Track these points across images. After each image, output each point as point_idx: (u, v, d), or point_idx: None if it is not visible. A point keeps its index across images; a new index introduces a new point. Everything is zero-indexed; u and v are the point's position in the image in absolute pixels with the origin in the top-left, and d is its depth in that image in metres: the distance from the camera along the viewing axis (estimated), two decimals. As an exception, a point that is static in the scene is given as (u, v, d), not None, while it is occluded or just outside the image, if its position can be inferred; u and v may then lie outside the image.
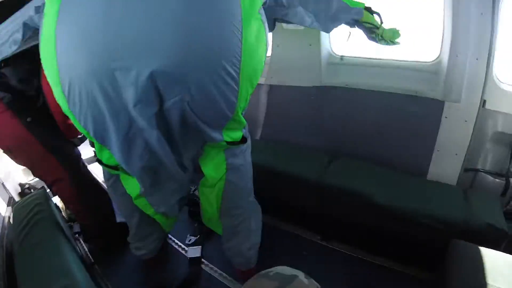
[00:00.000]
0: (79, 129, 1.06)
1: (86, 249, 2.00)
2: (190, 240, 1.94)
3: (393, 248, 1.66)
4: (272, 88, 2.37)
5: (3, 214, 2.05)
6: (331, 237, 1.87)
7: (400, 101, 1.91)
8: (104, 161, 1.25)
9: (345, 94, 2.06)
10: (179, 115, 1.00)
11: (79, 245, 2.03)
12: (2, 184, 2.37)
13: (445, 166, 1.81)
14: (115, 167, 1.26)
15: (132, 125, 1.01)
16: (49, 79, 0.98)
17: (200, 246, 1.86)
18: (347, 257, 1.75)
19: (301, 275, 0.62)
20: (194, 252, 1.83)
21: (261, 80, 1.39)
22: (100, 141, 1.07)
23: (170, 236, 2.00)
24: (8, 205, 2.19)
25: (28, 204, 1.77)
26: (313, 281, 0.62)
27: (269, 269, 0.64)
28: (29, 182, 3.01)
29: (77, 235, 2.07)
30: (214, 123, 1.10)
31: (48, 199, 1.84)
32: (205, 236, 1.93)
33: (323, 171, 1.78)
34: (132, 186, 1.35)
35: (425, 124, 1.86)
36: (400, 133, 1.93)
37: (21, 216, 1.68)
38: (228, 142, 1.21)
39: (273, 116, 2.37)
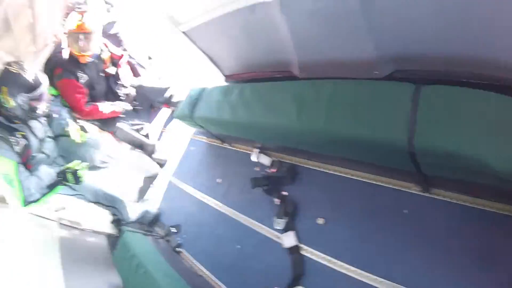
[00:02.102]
0: None
1: (191, 256, 2.16)
2: (279, 223, 1.79)
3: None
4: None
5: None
6: (433, 186, 1.45)
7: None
8: None
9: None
10: None
11: (182, 255, 2.19)
12: (93, 230, 2.53)
13: None
14: None
15: None
16: None
17: (294, 231, 1.71)
18: (456, 207, 1.34)
19: None
20: (289, 240, 1.70)
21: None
22: None
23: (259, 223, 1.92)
24: (108, 243, 2.42)
25: (123, 256, 1.96)
26: None
27: None
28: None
29: (177, 248, 2.21)
30: None
31: (135, 242, 2.01)
32: (292, 213, 1.77)
33: (411, 128, 1.16)
34: None
35: None
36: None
37: (124, 272, 1.87)
38: None
39: (304, 39, 1.59)
